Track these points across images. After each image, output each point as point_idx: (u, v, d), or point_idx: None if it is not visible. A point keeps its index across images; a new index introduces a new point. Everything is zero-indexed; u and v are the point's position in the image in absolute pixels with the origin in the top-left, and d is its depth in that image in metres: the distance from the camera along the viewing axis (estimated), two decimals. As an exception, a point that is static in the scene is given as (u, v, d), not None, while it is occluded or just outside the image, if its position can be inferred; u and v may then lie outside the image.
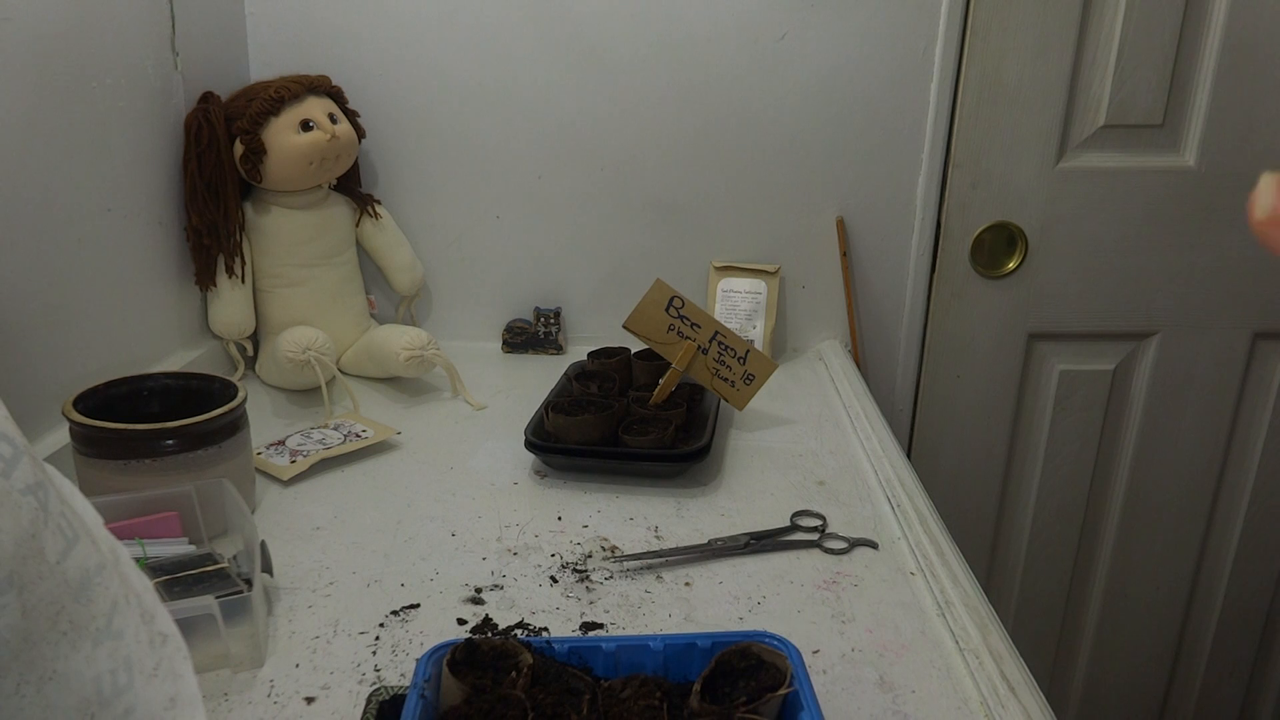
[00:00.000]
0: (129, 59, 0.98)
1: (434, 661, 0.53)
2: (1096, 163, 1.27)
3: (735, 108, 1.24)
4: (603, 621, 0.68)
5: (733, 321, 1.27)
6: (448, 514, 0.85)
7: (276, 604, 0.70)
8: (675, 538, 0.81)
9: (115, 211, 0.97)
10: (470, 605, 0.70)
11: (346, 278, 1.21)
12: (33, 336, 0.85)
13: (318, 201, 1.16)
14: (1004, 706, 0.59)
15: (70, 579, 0.40)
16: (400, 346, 1.10)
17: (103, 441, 0.75)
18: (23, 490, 0.38)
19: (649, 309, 1.01)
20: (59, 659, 0.39)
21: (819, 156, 1.26)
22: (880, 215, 1.29)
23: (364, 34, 1.22)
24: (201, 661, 0.59)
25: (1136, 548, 1.46)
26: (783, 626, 0.68)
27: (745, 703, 0.52)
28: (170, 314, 1.09)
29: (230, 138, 1.09)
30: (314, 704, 0.59)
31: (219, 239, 1.09)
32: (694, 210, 1.29)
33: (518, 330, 1.31)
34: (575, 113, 1.25)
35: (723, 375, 1.01)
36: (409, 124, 1.26)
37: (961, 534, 1.44)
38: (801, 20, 1.21)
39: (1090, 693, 1.55)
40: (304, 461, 0.91)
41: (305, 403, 1.11)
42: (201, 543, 0.74)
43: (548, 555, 0.78)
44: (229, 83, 1.16)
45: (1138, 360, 1.36)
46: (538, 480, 0.92)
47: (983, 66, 1.22)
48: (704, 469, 0.94)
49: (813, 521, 0.84)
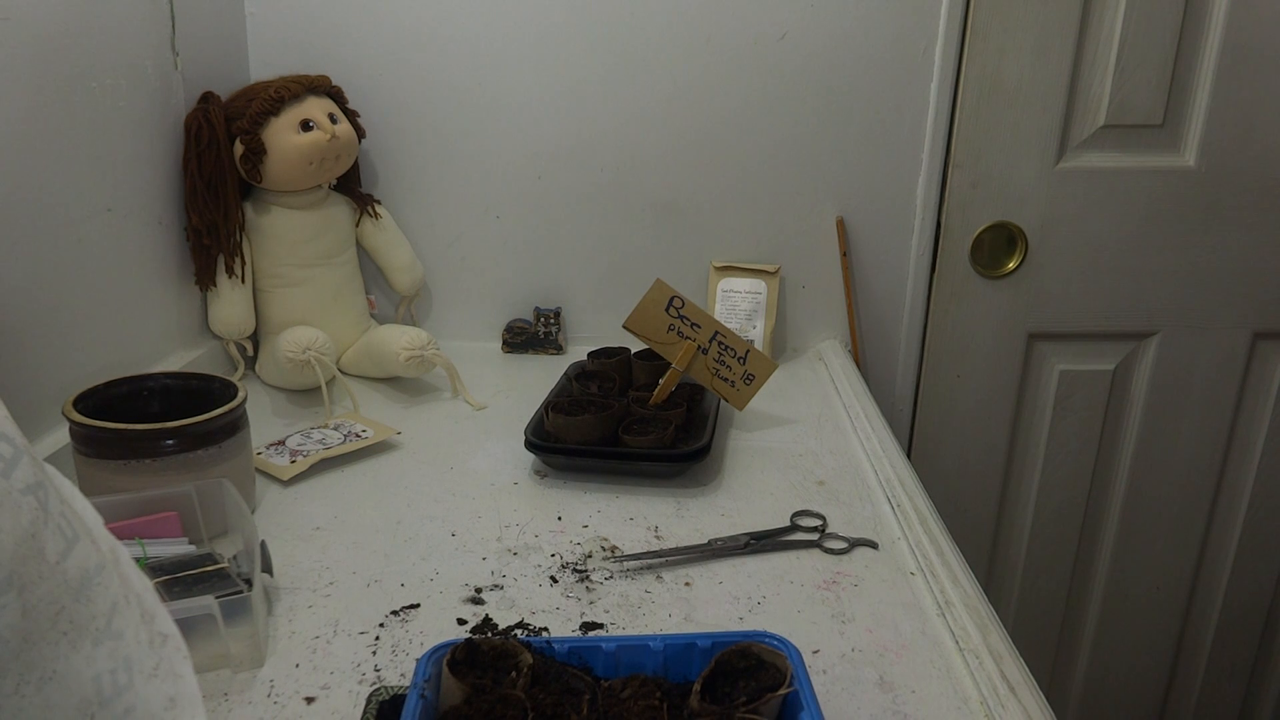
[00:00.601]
0: (129, 59, 0.98)
1: (434, 661, 0.53)
2: (1096, 163, 1.27)
3: (736, 108, 1.24)
4: (603, 621, 0.68)
5: (733, 321, 1.27)
6: (448, 514, 0.85)
7: (276, 604, 0.70)
8: (675, 538, 0.81)
9: (115, 211, 0.97)
10: (470, 605, 0.70)
11: (346, 278, 1.21)
12: (33, 336, 0.85)
13: (318, 201, 1.16)
14: (1004, 706, 0.59)
15: (70, 579, 0.40)
16: (400, 346, 1.10)
17: (103, 441, 0.75)
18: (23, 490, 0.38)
19: (649, 309, 1.01)
20: (59, 659, 0.39)
21: (819, 156, 1.26)
22: (880, 215, 1.29)
23: (364, 34, 1.22)
24: (201, 661, 0.59)
25: (1136, 548, 1.46)
26: (783, 626, 0.68)
27: (745, 703, 0.52)
28: (170, 314, 1.09)
29: (230, 138, 1.09)
30: (314, 704, 0.59)
31: (219, 239, 1.09)
32: (694, 210, 1.29)
33: (518, 330, 1.31)
34: (575, 113, 1.25)
35: (723, 375, 1.01)
36: (409, 124, 1.26)
37: (961, 534, 1.44)
38: (801, 20, 1.21)
39: (1090, 693, 1.55)
40: (304, 461, 0.91)
41: (305, 403, 1.11)
42: (201, 543, 0.74)
43: (548, 555, 0.78)
44: (229, 83, 1.16)
45: (1138, 360, 1.36)
46: (538, 480, 0.92)
47: (983, 66, 1.22)
48: (704, 469, 0.94)
49: (813, 521, 0.84)
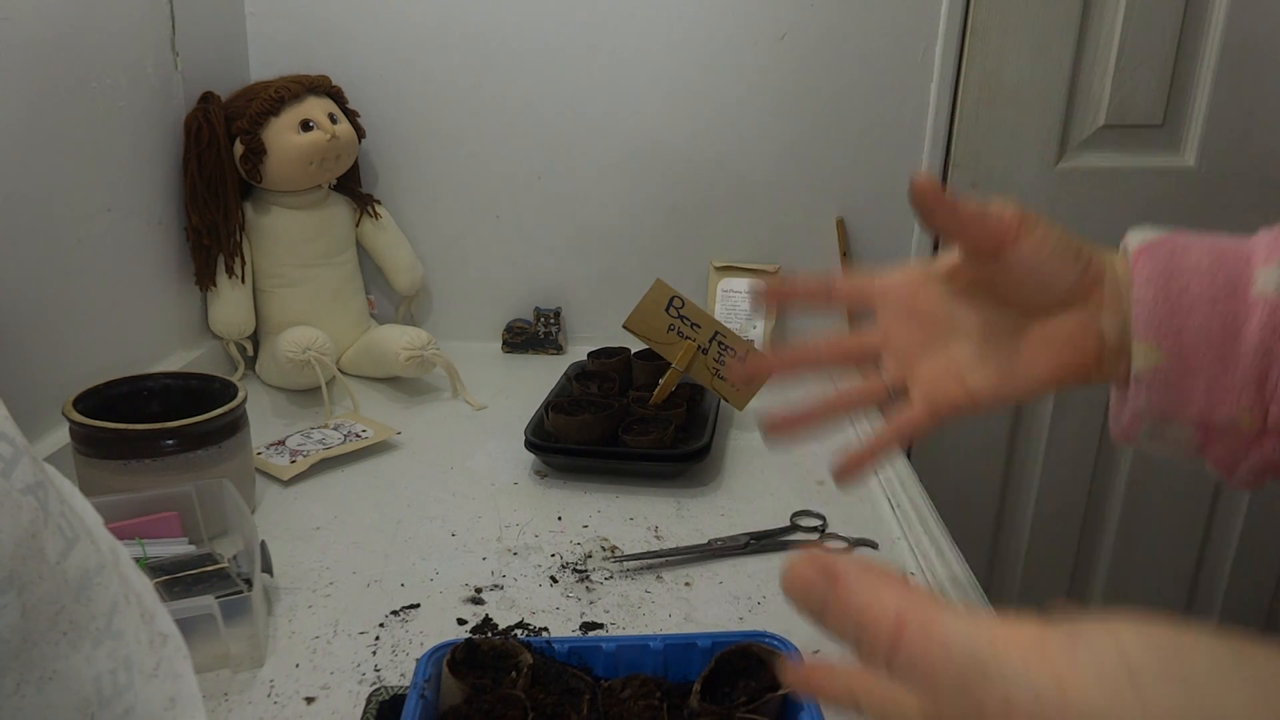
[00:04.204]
0: (129, 59, 0.98)
1: (434, 661, 0.53)
2: (1096, 163, 1.27)
3: (735, 107, 1.24)
4: (603, 621, 0.68)
5: (733, 321, 1.27)
6: (448, 514, 0.85)
7: (276, 604, 0.70)
8: (675, 538, 0.81)
9: (115, 211, 0.97)
10: (470, 605, 0.70)
11: (346, 278, 1.21)
12: (33, 336, 0.85)
13: (318, 201, 1.16)
14: (1004, 706, 0.59)
15: (70, 579, 0.40)
16: (400, 346, 1.10)
17: (103, 441, 0.75)
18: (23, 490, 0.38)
19: (649, 309, 1.01)
20: (59, 659, 0.39)
21: (819, 156, 1.26)
22: (880, 215, 1.29)
23: (364, 34, 1.22)
24: (201, 661, 0.59)
25: (1136, 548, 1.46)
26: (783, 626, 0.68)
27: (745, 703, 0.52)
28: (170, 314, 1.09)
29: (230, 138, 1.09)
30: (314, 704, 0.59)
31: (219, 239, 1.09)
32: (694, 210, 1.29)
33: (518, 330, 1.31)
34: (575, 112, 1.25)
35: (723, 375, 1.01)
36: (409, 124, 1.26)
37: (961, 534, 1.43)
38: (801, 20, 1.21)
39: (1090, 693, 1.54)
40: (304, 461, 0.91)
41: (305, 403, 1.11)
42: (201, 543, 0.74)
43: (548, 555, 0.78)
44: (229, 83, 1.16)
45: (1138, 360, 1.36)
46: (538, 480, 0.92)
47: (983, 66, 1.22)
48: (704, 469, 0.94)
49: (813, 521, 0.84)
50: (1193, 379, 0.47)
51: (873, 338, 0.58)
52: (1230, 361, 0.47)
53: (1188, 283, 0.47)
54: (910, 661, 0.29)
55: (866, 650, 0.31)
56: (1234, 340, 0.46)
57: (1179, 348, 0.47)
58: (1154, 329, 0.48)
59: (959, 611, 0.30)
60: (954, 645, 0.29)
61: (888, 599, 0.31)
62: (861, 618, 0.31)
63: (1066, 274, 0.50)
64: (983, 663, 0.28)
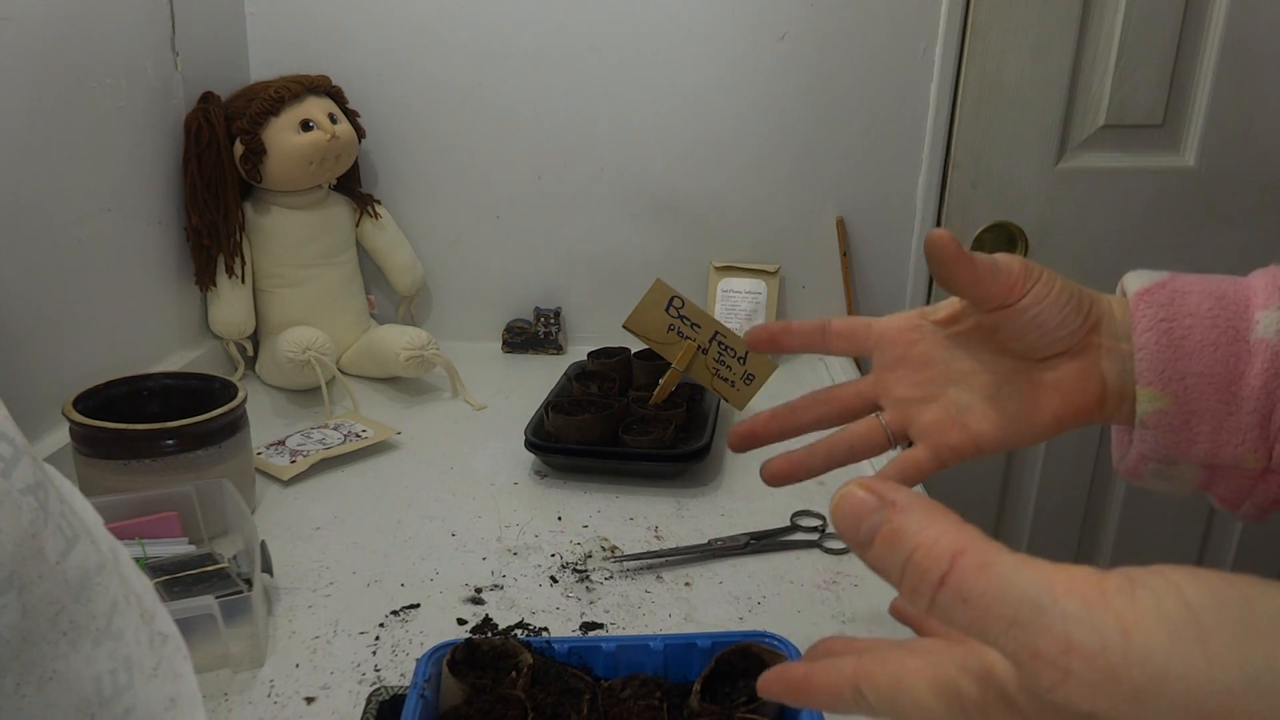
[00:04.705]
0: (129, 59, 0.98)
1: (434, 661, 0.53)
2: (1096, 163, 1.27)
3: (735, 107, 1.24)
4: (603, 621, 0.68)
5: (733, 321, 1.27)
6: (448, 514, 0.85)
7: (276, 604, 0.70)
8: (675, 538, 0.81)
9: (115, 211, 0.97)
10: (470, 605, 0.70)
11: (346, 278, 1.21)
12: (33, 336, 0.85)
13: (318, 201, 1.16)
14: (1004, 706, 0.59)
15: (70, 579, 0.40)
16: (400, 346, 1.10)
17: (103, 441, 0.75)
18: (23, 490, 0.38)
19: (649, 309, 1.01)
20: (59, 659, 0.39)
21: (819, 156, 1.26)
22: (880, 215, 1.29)
23: (364, 34, 1.22)
24: (201, 661, 0.59)
25: (1136, 548, 1.46)
26: (783, 626, 0.68)
27: (745, 703, 0.52)
28: (170, 314, 1.09)
29: (230, 138, 1.09)
30: (314, 704, 0.59)
31: (219, 239, 1.09)
32: (694, 210, 1.29)
33: (518, 330, 1.31)
34: (575, 112, 1.25)
35: (723, 375, 1.01)
36: (409, 124, 1.26)
37: (961, 534, 1.43)
38: (801, 20, 1.21)
39: (1090, 693, 1.55)
40: (304, 461, 0.91)
41: (305, 403, 1.11)
42: (201, 543, 0.74)
43: (548, 555, 0.78)
44: (229, 83, 1.16)
45: (1138, 360, 1.36)
46: (538, 480, 0.92)
47: (983, 66, 1.22)
48: (704, 469, 0.94)
49: (813, 521, 0.84)
50: (1197, 422, 0.48)
51: (868, 385, 0.59)
52: (1234, 405, 0.48)
53: (1189, 328, 0.48)
54: (961, 595, 0.28)
55: (912, 582, 0.29)
56: (1237, 384, 0.47)
57: (1183, 392, 0.48)
58: (1158, 375, 0.48)
59: (1015, 553, 0.29)
60: (1011, 581, 0.28)
61: (944, 530, 0.29)
62: (914, 547, 0.29)
63: (1069, 323, 0.51)
64: (1039, 603, 0.27)
